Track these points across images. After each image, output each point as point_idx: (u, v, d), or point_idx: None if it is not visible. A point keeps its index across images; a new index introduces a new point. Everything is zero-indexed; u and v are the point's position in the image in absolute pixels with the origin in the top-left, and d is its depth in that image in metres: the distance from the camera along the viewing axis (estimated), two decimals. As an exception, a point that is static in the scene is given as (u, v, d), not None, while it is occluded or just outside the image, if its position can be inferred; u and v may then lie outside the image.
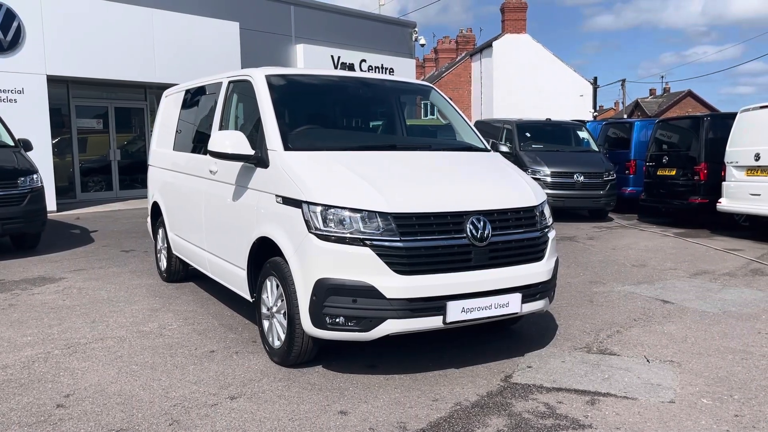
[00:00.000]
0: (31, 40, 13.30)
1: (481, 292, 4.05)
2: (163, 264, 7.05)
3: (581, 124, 15.48)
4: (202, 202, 5.60)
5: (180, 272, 6.88)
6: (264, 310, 4.53)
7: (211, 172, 5.36)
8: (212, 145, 4.60)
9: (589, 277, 7.39)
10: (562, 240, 10.30)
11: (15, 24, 13.06)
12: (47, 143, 13.71)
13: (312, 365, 4.35)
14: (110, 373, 4.24)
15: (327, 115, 5.13)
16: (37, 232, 8.92)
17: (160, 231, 7.09)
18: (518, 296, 4.18)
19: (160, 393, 3.90)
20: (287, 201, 4.14)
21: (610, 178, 13.12)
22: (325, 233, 3.88)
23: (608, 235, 11.05)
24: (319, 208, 3.92)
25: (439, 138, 5.79)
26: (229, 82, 5.44)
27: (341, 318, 3.87)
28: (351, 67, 20.38)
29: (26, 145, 9.52)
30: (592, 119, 27.44)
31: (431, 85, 5.78)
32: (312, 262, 3.92)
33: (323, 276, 3.86)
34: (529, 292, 4.28)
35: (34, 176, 8.81)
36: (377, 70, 21.24)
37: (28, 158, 9.11)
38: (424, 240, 3.91)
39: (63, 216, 13.14)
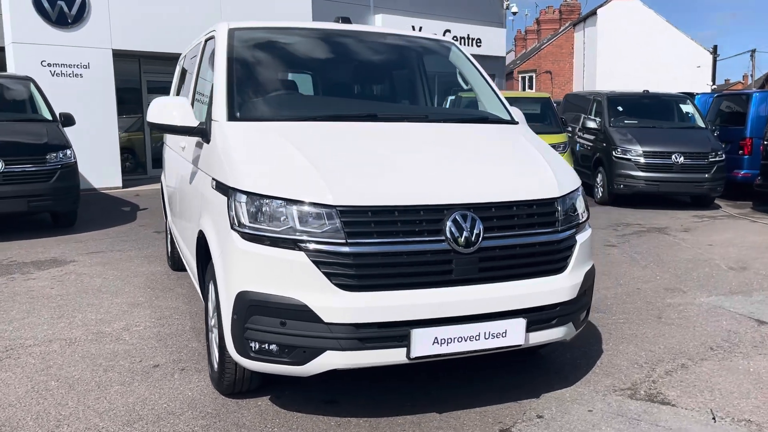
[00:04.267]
0: (96, 13, 13.12)
1: (464, 317, 2.95)
2: (169, 249, 6.38)
3: (686, 96, 13.48)
4: (177, 183, 4.80)
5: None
6: (209, 320, 3.64)
7: (182, 149, 4.52)
8: (150, 115, 3.73)
9: (667, 282, 5.97)
10: (650, 231, 8.77)
11: (80, -3, 12.91)
12: (113, 119, 13.57)
13: (257, 395, 3.42)
14: (17, 392, 3.51)
15: (307, 78, 4.11)
16: (68, 210, 8.55)
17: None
18: (521, 322, 3.03)
19: (50, 428, 3.10)
20: (219, 186, 3.21)
21: (717, 159, 11.22)
22: (250, 232, 2.91)
23: (709, 227, 9.35)
24: (244, 198, 2.95)
25: (447, 107, 4.63)
26: (205, 41, 4.57)
27: (271, 345, 2.90)
28: (433, 38, 19.12)
29: (67, 120, 9.17)
30: (710, 92, 24.60)
31: (451, 41, 4.60)
32: (233, 268, 2.97)
33: (245, 288, 2.91)
34: (540, 317, 3.12)
35: (67, 152, 8.42)
36: (462, 41, 19.85)
37: (62, 133, 8.74)
38: (383, 244, 2.85)
39: (124, 192, 12.99)
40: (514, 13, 21.81)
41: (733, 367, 3.91)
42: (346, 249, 2.81)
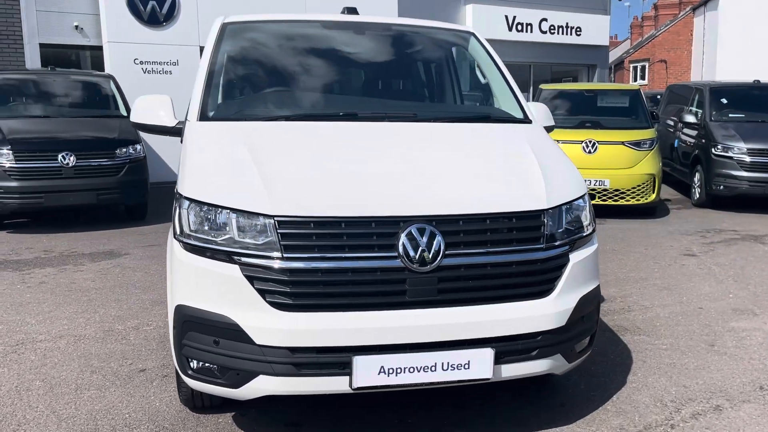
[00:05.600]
0: (185, 12, 13.54)
1: (418, 344, 2.60)
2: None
3: (806, 86, 11.97)
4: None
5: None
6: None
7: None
8: (134, 115, 3.63)
9: (740, 302, 5.22)
10: (743, 240, 7.81)
11: (171, -3, 13.40)
12: (201, 113, 14.00)
13: (222, 411, 3.25)
14: (0, 391, 3.55)
15: (296, 74, 3.84)
16: (137, 203, 8.84)
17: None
18: (488, 353, 2.65)
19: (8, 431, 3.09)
20: (177, 191, 3.05)
21: (837, 158, 9.85)
22: (190, 241, 2.72)
23: (818, 236, 8.21)
24: (186, 204, 2.77)
25: (445, 104, 4.17)
26: (215, 36, 4.42)
27: (209, 365, 2.69)
28: (528, 28, 18.27)
29: (142, 116, 9.46)
30: None
31: (469, 29, 4.18)
32: (173, 280, 2.82)
33: (181, 302, 2.73)
34: (514, 348, 2.72)
35: (137, 146, 8.71)
36: (560, 30, 18.85)
37: (134, 129, 9.03)
38: (325, 259, 2.57)
39: (208, 185, 13.38)
40: (620, -1, 20.41)
41: (781, 413, 3.28)
42: (281, 264, 2.55)
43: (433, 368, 2.60)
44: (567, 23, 18.88)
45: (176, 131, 3.51)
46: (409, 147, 3.12)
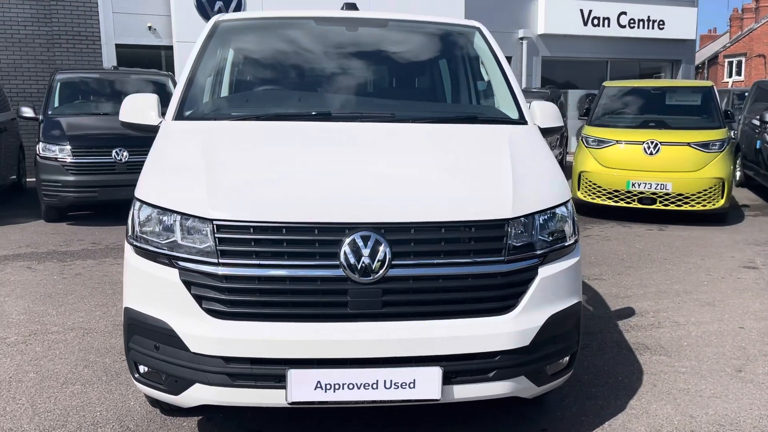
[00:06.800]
0: (251, 11, 13.84)
1: (358, 360, 2.45)
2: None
3: None
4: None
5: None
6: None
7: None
8: (123, 114, 3.62)
9: (790, 323, 4.71)
10: (819, 251, 7.10)
11: (238, -4, 13.72)
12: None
13: (191, 414, 3.20)
14: (-6, 380, 3.67)
15: (285, 73, 3.71)
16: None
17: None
18: (435, 371, 2.46)
19: (-18, 421, 3.17)
20: None
21: None
22: (138, 243, 2.68)
23: None
24: (138, 205, 2.74)
25: (431, 104, 3.88)
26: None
27: (150, 369, 2.65)
28: (605, 23, 17.47)
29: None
30: None
31: (475, 24, 3.94)
32: (124, 282, 2.79)
33: (127, 305, 2.70)
34: (467, 367, 2.52)
35: (189, 144, 8.92)
36: (641, 23, 17.92)
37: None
38: (263, 267, 2.46)
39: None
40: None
41: (794, 455, 2.89)
42: (217, 270, 2.46)
43: (374, 386, 2.44)
44: (648, 16, 17.95)
45: (156, 130, 3.49)
46: (373, 150, 2.96)
